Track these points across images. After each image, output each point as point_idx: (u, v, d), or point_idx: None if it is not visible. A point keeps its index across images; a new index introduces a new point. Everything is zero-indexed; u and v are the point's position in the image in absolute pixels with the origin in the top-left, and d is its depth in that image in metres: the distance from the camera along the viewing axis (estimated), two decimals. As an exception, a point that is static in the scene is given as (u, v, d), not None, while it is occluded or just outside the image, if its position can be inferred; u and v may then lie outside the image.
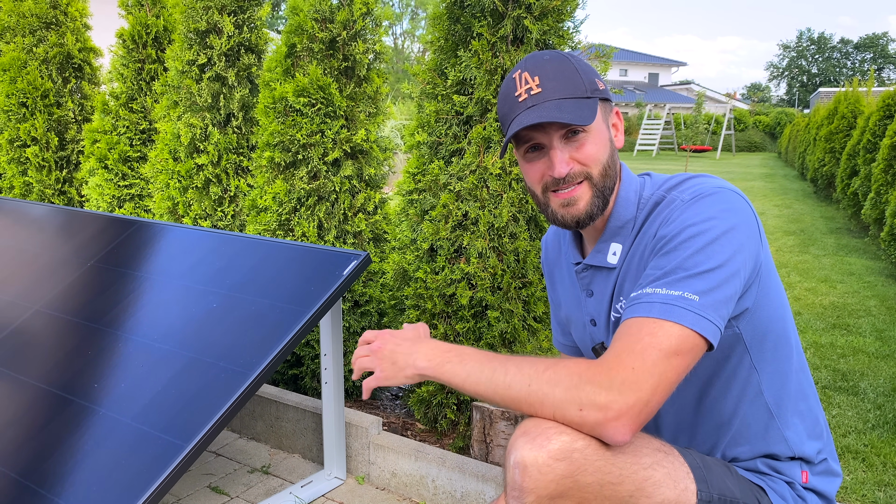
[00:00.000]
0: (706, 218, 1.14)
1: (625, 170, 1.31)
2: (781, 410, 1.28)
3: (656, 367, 1.05)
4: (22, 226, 2.95)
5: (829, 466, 1.34)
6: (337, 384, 2.21)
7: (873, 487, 2.31)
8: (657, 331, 1.07)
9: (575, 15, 2.32)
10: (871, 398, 3.09)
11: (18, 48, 4.05)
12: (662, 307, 1.08)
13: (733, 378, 1.26)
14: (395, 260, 2.57)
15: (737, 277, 1.12)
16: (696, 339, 1.07)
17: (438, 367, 1.21)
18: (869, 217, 6.55)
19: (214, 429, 1.72)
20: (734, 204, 1.17)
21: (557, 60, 1.24)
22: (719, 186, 1.19)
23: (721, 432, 1.30)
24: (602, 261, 1.30)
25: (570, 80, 1.22)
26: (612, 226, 1.29)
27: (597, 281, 1.34)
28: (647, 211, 1.25)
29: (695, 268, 1.10)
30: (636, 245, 1.26)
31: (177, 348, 1.99)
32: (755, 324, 1.22)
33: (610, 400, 1.04)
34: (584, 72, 1.24)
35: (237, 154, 3.09)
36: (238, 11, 3.04)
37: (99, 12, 4.52)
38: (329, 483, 2.26)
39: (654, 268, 1.15)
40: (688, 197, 1.19)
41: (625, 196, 1.28)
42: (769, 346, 1.25)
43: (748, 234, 1.15)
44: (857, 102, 9.66)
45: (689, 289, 1.09)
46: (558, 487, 1.07)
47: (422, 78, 2.49)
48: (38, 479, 1.75)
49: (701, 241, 1.12)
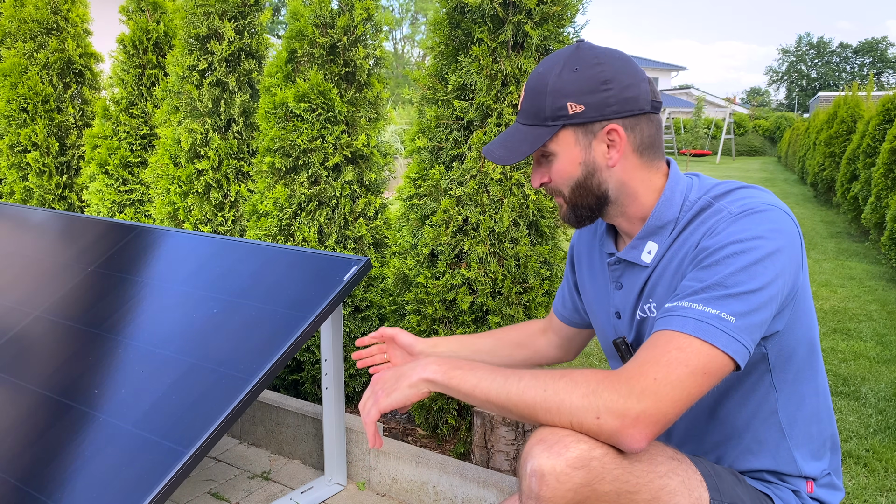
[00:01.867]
0: (753, 236, 1.11)
1: (673, 168, 1.29)
2: (793, 431, 1.27)
3: (681, 383, 1.03)
4: (22, 231, 2.95)
5: (832, 481, 1.33)
6: (337, 390, 2.20)
7: (875, 493, 2.31)
8: (686, 347, 1.05)
9: (575, 20, 2.32)
10: (873, 403, 3.08)
11: (19, 53, 4.06)
12: (697, 324, 1.07)
13: (751, 394, 1.24)
14: (395, 265, 2.57)
15: (774, 302, 1.10)
16: (724, 359, 1.06)
17: (446, 373, 1.18)
18: (869, 221, 6.55)
19: (215, 435, 1.71)
20: (783, 225, 1.14)
21: (537, 77, 1.24)
22: (770, 204, 1.16)
23: (730, 445, 1.29)
24: (636, 257, 1.28)
25: (534, 103, 1.23)
26: (652, 224, 1.26)
27: (627, 275, 1.32)
28: (691, 215, 1.22)
29: (735, 287, 1.08)
30: (675, 248, 1.23)
31: (177, 354, 1.98)
32: (782, 345, 1.21)
33: (627, 406, 1.02)
34: (555, 93, 1.21)
35: (238, 159, 3.09)
36: (239, 17, 3.05)
37: (100, 18, 4.53)
38: (330, 489, 2.25)
39: (692, 279, 1.13)
40: (737, 210, 1.16)
41: (669, 196, 1.25)
42: (792, 369, 1.23)
43: (791, 257, 1.13)
44: (857, 107, 9.68)
45: (727, 309, 1.07)
46: (576, 496, 1.06)
47: (422, 83, 2.49)
48: (38, 485, 1.74)
49: (745, 260, 1.09)
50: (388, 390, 1.22)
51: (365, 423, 1.23)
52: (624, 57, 1.24)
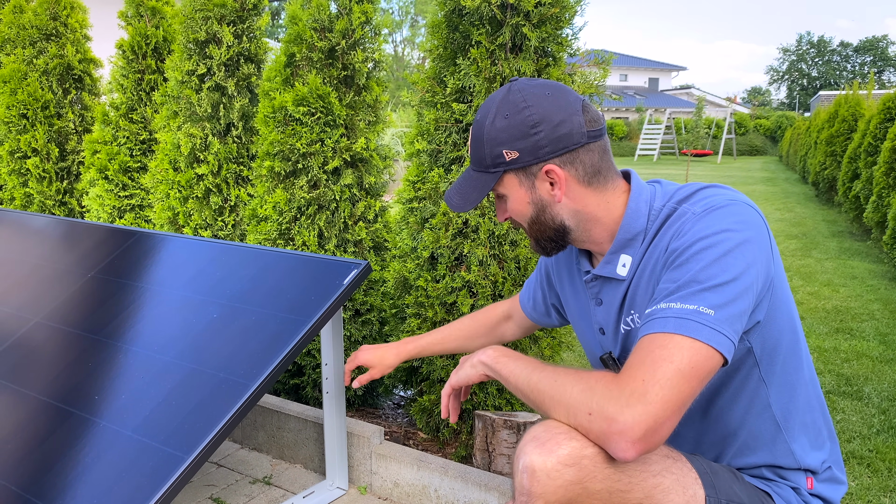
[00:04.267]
0: (719, 230, 1.13)
1: (635, 180, 1.30)
2: (789, 423, 1.27)
3: (668, 381, 1.03)
4: (23, 237, 2.95)
5: (834, 475, 1.33)
6: (338, 394, 2.20)
7: (879, 493, 2.30)
8: (669, 344, 1.06)
9: (573, 22, 2.32)
10: (876, 403, 3.07)
11: (19, 60, 4.06)
12: (677, 322, 1.07)
13: (741, 390, 1.24)
14: (395, 268, 2.57)
15: (750, 291, 1.11)
16: (709, 352, 1.06)
17: (496, 359, 1.29)
18: (871, 220, 6.54)
19: (216, 440, 1.71)
20: (746, 216, 1.16)
21: (476, 125, 1.29)
22: (731, 199, 1.18)
23: (727, 443, 1.29)
24: (612, 272, 1.30)
25: (476, 151, 1.29)
26: (622, 238, 1.28)
27: (606, 291, 1.33)
28: (658, 223, 1.24)
29: (709, 280, 1.09)
30: (647, 257, 1.25)
31: (177, 359, 1.98)
32: (766, 337, 1.21)
33: (617, 411, 1.03)
34: (491, 142, 1.25)
35: (237, 164, 3.09)
36: (237, 21, 3.05)
37: (99, 23, 4.54)
38: (331, 493, 2.25)
39: (667, 281, 1.14)
40: (699, 209, 1.18)
41: (634, 208, 1.27)
42: (779, 360, 1.24)
43: (760, 246, 1.14)
44: (858, 105, 9.66)
45: (705, 303, 1.08)
46: (567, 493, 1.07)
47: (421, 86, 2.49)
48: (38, 491, 1.74)
49: (714, 253, 1.11)
50: (458, 369, 1.38)
51: (441, 396, 1.46)
52: (555, 92, 1.24)
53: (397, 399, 3.04)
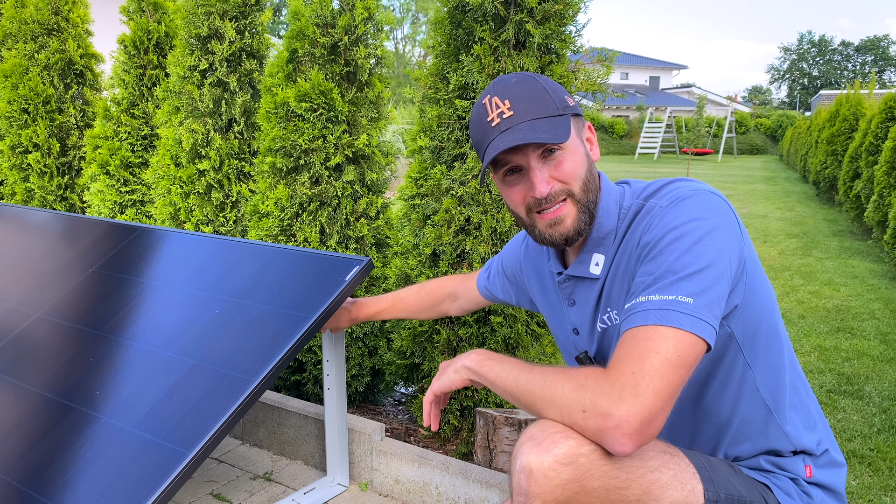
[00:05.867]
0: (688, 220, 1.15)
1: (604, 180, 1.32)
2: (779, 405, 1.28)
3: (657, 372, 1.04)
4: (24, 232, 2.94)
5: (832, 457, 1.33)
6: (339, 390, 2.20)
7: (880, 492, 2.30)
8: (653, 335, 1.07)
9: (577, 19, 2.31)
10: (877, 402, 3.07)
11: (20, 54, 4.05)
12: (658, 313, 1.08)
13: (729, 377, 1.26)
14: (397, 265, 2.56)
15: (725, 276, 1.13)
16: (693, 340, 1.07)
17: (480, 363, 1.27)
18: (872, 220, 6.54)
19: (217, 436, 1.71)
20: (713, 204, 1.18)
21: (525, 82, 1.25)
22: (696, 189, 1.20)
23: (722, 432, 1.30)
24: (585, 272, 1.31)
25: (540, 101, 1.23)
26: (595, 237, 1.29)
27: (579, 291, 1.35)
28: (627, 221, 1.26)
29: (684, 269, 1.11)
30: (620, 254, 1.27)
31: (179, 355, 1.98)
32: (745, 321, 1.23)
33: (610, 406, 1.03)
34: (553, 91, 1.25)
35: (239, 159, 3.08)
36: (239, 17, 3.04)
37: (100, 18, 4.53)
38: (332, 490, 2.25)
39: (643, 274, 1.16)
40: (666, 202, 1.20)
41: (605, 207, 1.29)
42: (761, 343, 1.25)
43: (730, 231, 1.16)
44: (859, 105, 9.66)
45: (683, 292, 1.09)
46: (564, 492, 1.07)
47: (423, 83, 2.49)
48: (39, 487, 1.74)
49: (686, 243, 1.13)
50: (440, 375, 1.36)
51: (423, 403, 1.41)
52: None
53: (398, 396, 3.04)
